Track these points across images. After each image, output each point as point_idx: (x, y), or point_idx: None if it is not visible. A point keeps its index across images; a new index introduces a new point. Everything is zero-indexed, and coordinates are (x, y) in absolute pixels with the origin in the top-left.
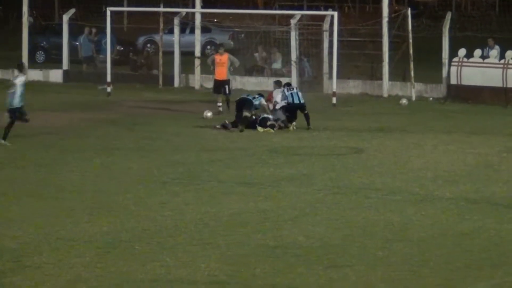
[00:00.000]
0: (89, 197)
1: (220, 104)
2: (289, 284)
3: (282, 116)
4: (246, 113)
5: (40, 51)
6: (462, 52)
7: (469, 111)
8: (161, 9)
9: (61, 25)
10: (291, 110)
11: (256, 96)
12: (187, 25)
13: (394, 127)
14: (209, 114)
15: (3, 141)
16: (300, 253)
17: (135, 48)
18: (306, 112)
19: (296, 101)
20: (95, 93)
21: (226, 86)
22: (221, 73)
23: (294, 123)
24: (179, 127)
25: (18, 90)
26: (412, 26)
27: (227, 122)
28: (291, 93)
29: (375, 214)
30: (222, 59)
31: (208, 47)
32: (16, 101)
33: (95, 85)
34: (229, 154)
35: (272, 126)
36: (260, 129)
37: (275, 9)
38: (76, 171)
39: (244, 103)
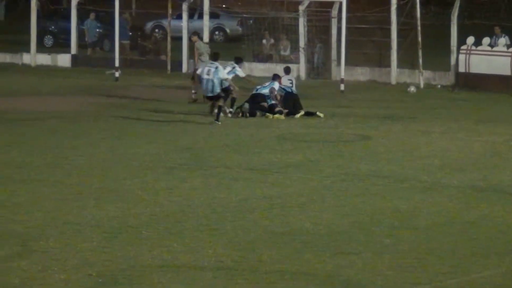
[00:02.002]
0: (96, 182)
1: (194, 91)
2: (296, 270)
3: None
4: (263, 104)
5: (49, 36)
6: (470, 40)
7: (477, 99)
8: None
9: (69, 9)
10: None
11: (267, 84)
12: (195, 11)
13: (402, 115)
14: None
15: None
16: (307, 239)
17: (143, 33)
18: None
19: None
20: (103, 78)
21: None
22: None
23: (302, 111)
24: (187, 113)
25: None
26: (421, 13)
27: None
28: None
29: (382, 202)
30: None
31: (216, 32)
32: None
33: (103, 70)
34: (236, 140)
35: (280, 112)
36: (269, 115)
37: None
38: (83, 155)
39: (258, 98)
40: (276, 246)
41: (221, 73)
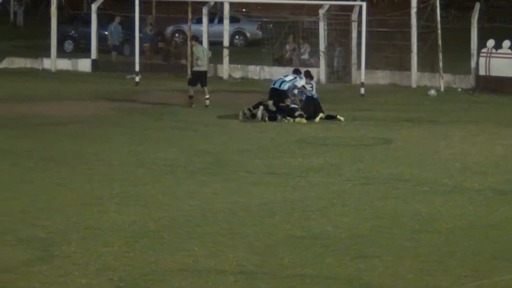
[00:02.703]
0: (117, 187)
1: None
2: (317, 274)
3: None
4: (287, 103)
5: (69, 40)
6: (490, 43)
7: (498, 102)
8: None
9: (89, 14)
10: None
11: (289, 79)
12: (215, 15)
13: (423, 118)
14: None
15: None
16: (328, 243)
17: (163, 38)
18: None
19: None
20: (123, 82)
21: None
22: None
23: (321, 114)
24: (208, 117)
25: None
26: (441, 17)
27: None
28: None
29: (403, 205)
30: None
31: (237, 37)
32: None
33: (124, 75)
34: (257, 144)
35: (301, 116)
36: (289, 119)
37: None
38: (104, 160)
39: (278, 95)
40: (297, 250)
41: (297, 83)
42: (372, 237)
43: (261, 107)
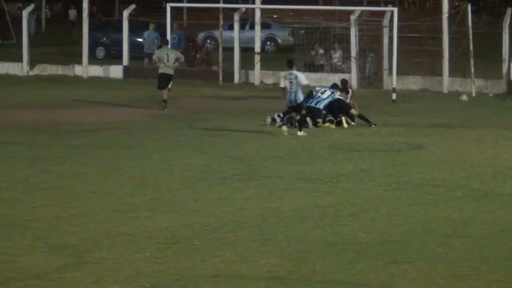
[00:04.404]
0: (149, 193)
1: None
2: (349, 280)
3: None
4: (318, 120)
5: (100, 47)
6: None
7: None
8: (221, 5)
9: (121, 21)
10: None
11: (326, 96)
12: (246, 21)
13: (454, 123)
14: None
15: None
16: (360, 249)
17: (195, 44)
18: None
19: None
20: (155, 89)
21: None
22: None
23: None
24: (239, 123)
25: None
26: (472, 22)
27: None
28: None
29: (435, 210)
30: None
31: (268, 43)
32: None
33: (155, 81)
34: (288, 150)
35: (331, 122)
36: (320, 124)
37: (335, 5)
38: (136, 166)
39: (313, 113)
40: (328, 256)
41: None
42: (404, 242)
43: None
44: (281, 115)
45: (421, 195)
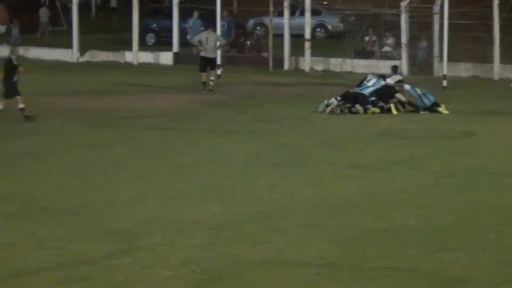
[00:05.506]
0: (199, 180)
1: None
2: (399, 266)
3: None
4: (358, 107)
5: (150, 34)
6: None
7: None
8: None
9: (170, 7)
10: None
11: (372, 83)
12: (297, 8)
13: (505, 110)
14: None
15: None
16: (411, 236)
17: (244, 31)
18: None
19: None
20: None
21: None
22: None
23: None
24: (290, 110)
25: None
26: None
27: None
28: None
29: (486, 198)
30: None
31: (318, 29)
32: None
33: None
34: (338, 137)
35: (381, 108)
36: (370, 108)
37: None
38: (187, 153)
39: (359, 99)
40: (379, 243)
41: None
42: (455, 229)
43: (335, 103)
44: (339, 98)
45: (473, 182)
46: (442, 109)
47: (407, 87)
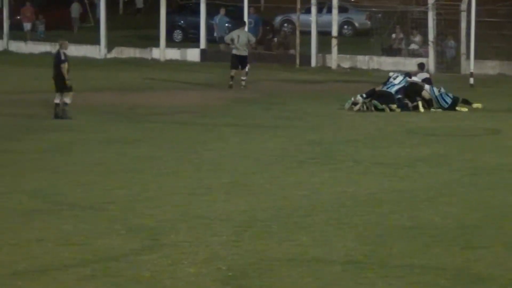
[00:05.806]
0: (225, 176)
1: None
2: (425, 264)
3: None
4: (383, 106)
5: (178, 30)
6: None
7: None
8: None
9: (198, 4)
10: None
11: (398, 81)
12: (324, 5)
13: None
14: None
15: None
16: (436, 233)
17: (272, 28)
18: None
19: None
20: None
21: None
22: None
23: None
24: (316, 107)
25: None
26: None
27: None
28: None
29: (511, 196)
30: None
31: (345, 26)
32: None
33: None
34: (365, 134)
35: (404, 106)
36: (393, 107)
37: None
38: (212, 150)
39: (385, 97)
40: (405, 240)
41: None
42: (481, 227)
43: (361, 100)
44: (364, 95)
45: (498, 180)
46: (475, 104)
47: (426, 87)
